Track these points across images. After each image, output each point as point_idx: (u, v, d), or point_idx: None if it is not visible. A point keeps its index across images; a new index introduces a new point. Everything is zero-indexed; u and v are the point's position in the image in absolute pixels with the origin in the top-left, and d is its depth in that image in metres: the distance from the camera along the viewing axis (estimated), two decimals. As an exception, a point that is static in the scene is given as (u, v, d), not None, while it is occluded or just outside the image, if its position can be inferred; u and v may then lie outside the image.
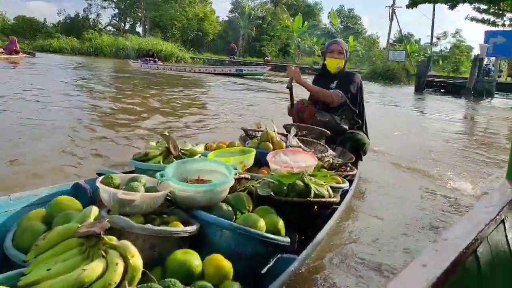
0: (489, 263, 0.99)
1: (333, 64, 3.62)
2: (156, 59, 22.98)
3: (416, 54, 31.79)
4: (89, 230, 1.17)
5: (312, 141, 3.03)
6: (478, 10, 25.96)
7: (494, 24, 26.24)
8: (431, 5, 27.03)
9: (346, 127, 3.54)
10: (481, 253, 0.97)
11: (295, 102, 3.70)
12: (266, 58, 33.14)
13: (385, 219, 2.83)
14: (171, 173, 1.75)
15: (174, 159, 2.15)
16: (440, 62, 34.78)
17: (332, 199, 1.98)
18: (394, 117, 9.67)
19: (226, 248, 1.54)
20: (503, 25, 26.05)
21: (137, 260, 1.19)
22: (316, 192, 1.89)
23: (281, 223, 1.72)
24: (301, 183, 1.89)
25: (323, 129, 3.22)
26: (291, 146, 2.69)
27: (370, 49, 36.33)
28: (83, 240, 1.19)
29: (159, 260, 1.39)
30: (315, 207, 1.92)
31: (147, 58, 22.06)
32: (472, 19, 26.82)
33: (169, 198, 1.74)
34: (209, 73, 20.36)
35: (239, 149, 2.54)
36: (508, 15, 25.26)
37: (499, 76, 26.60)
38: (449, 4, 24.77)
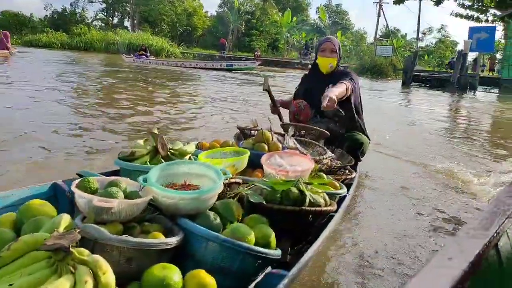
0: (510, 256, 0.98)
1: (325, 63, 3.40)
2: (149, 54, 23.22)
3: (403, 49, 32.38)
4: (56, 243, 1.06)
5: (311, 142, 2.89)
6: (463, 6, 26.67)
7: (478, 20, 26.97)
8: (417, 1, 27.68)
9: (343, 130, 3.36)
10: (502, 247, 0.96)
11: (293, 104, 3.49)
12: (256, 53, 33.54)
13: (384, 228, 2.66)
14: (155, 177, 1.62)
15: (162, 159, 2.03)
16: (426, 57, 35.46)
17: (328, 208, 1.86)
18: (386, 110, 9.91)
19: (211, 261, 1.44)
20: (487, 20, 26.80)
21: (108, 278, 1.10)
22: (312, 200, 1.78)
23: (272, 235, 1.60)
24: (296, 191, 1.77)
25: (322, 129, 3.07)
26: (287, 148, 2.57)
27: (358, 44, 36.98)
28: (51, 253, 1.09)
29: (136, 274, 1.28)
30: (310, 216, 1.80)
31: (140, 53, 22.31)
32: (457, 15, 27.55)
33: (153, 203, 1.62)
34: (200, 68, 20.62)
35: (233, 149, 2.42)
36: (492, 10, 26.04)
37: (482, 71, 27.42)
38: (434, 0, 25.50)
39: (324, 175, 2.36)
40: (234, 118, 6.45)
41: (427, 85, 21.65)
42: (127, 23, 50.17)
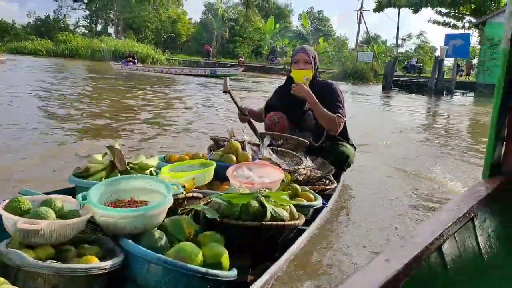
0: (456, 259, 1.00)
1: (300, 76, 3.14)
2: (136, 61, 23.59)
3: (383, 55, 33.30)
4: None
5: (288, 151, 2.78)
6: (440, 13, 27.68)
7: (454, 26, 27.97)
8: (396, 9, 28.61)
9: (320, 143, 3.16)
10: (446, 250, 0.98)
11: (267, 117, 3.28)
12: (240, 59, 34.10)
13: (364, 245, 2.31)
14: (97, 194, 1.52)
15: (119, 175, 1.89)
16: (405, 63, 36.57)
17: (293, 222, 1.72)
18: (368, 113, 10.25)
19: (154, 285, 1.33)
20: (463, 27, 27.84)
21: None
22: (274, 214, 1.65)
23: (224, 255, 1.46)
24: (256, 204, 1.64)
25: (301, 138, 2.95)
26: (259, 158, 2.49)
27: (340, 50, 37.84)
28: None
29: None
30: (272, 231, 1.67)
31: (128, 60, 22.65)
32: (434, 22, 28.56)
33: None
34: (185, 74, 21.02)
35: (200, 162, 2.31)
36: (467, 18, 27.10)
37: (461, 76, 28.44)
38: (412, 8, 26.42)
39: (297, 186, 2.28)
40: (213, 127, 6.14)
41: (407, 90, 22.44)
42: (110, 30, 50.43)
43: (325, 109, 3.02)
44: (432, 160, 4.91)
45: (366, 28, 46.27)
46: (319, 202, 2.24)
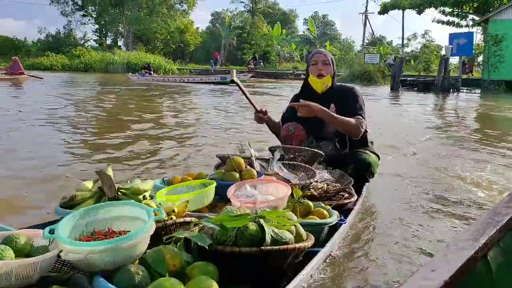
0: (501, 267, 0.96)
1: (319, 85, 3.04)
2: (151, 72, 24.53)
3: (389, 56, 33.97)
4: None
5: (300, 165, 2.62)
6: (443, 13, 28.35)
7: (458, 25, 28.63)
8: (400, 11, 29.31)
9: (346, 150, 3.01)
10: (491, 258, 0.94)
11: (282, 129, 3.11)
12: (249, 66, 34.99)
13: (393, 269, 2.01)
14: (69, 225, 1.38)
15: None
16: (412, 62, 37.05)
17: (299, 245, 1.51)
18: (381, 113, 10.49)
19: None
20: (467, 25, 28.47)
21: None
22: (275, 237, 1.46)
23: None
24: (254, 227, 1.46)
25: (316, 150, 2.79)
26: (265, 174, 2.36)
27: (346, 53, 38.61)
28: None
29: None
30: (273, 257, 1.47)
31: (144, 72, 23.59)
32: (439, 21, 29.25)
33: None
34: (197, 82, 22.00)
35: (200, 182, 2.18)
36: (471, 16, 27.70)
37: (467, 73, 29.02)
38: (416, 9, 27.11)
39: (310, 202, 2.09)
40: (226, 141, 5.62)
41: (414, 89, 23.05)
42: (120, 42, 51.74)
43: (343, 117, 2.85)
44: (460, 163, 4.60)
45: (372, 30, 46.83)
46: (333, 219, 1.99)
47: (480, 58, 26.50)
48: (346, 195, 2.52)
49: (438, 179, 3.87)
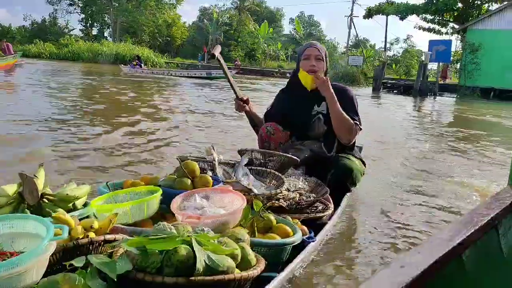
0: (477, 268, 0.95)
1: (308, 80, 2.72)
2: (142, 64, 24.96)
3: (372, 59, 35.09)
4: None
5: (269, 172, 2.32)
6: (425, 20, 29.54)
7: (439, 32, 29.86)
8: (384, 16, 30.37)
9: (332, 152, 2.71)
10: (467, 257, 0.93)
11: (261, 129, 2.81)
12: (236, 62, 35.67)
13: None
14: None
15: (27, 210, 1.55)
16: (394, 66, 38.33)
17: (243, 274, 1.27)
18: (365, 111, 11.86)
19: None
20: (447, 33, 29.71)
21: None
22: (210, 264, 1.21)
23: None
24: (184, 251, 1.21)
25: (290, 155, 2.46)
26: (224, 182, 2.07)
27: (331, 54, 39.56)
28: None
29: None
30: None
31: (134, 63, 24.02)
32: (420, 28, 30.44)
33: None
34: (184, 76, 22.54)
35: (147, 189, 1.91)
36: (451, 24, 28.94)
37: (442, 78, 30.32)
38: (399, 15, 28.19)
39: (271, 217, 1.80)
40: (200, 142, 5.06)
41: (394, 91, 24.16)
42: (106, 33, 51.63)
43: (343, 112, 2.61)
44: (446, 166, 4.67)
45: (356, 33, 48.08)
46: (296, 237, 1.70)
47: (458, 65, 27.70)
48: (321, 207, 2.25)
49: (423, 185, 3.69)
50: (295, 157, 2.46)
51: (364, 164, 2.82)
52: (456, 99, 21.60)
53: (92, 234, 1.40)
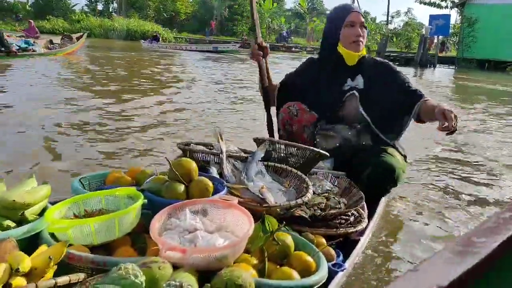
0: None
1: (353, 57, 2.32)
2: (159, 39, 26.62)
3: (373, 32, 36.31)
4: None
5: (291, 171, 1.86)
6: (426, -7, 30.78)
7: (439, 6, 31.19)
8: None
9: (369, 142, 2.30)
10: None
11: (282, 110, 2.44)
12: (243, 37, 36.94)
13: None
14: None
15: None
16: (395, 39, 39.51)
17: None
18: None
19: None
20: (446, 7, 31.04)
21: None
22: None
23: None
24: None
25: (318, 150, 1.99)
26: (229, 188, 1.61)
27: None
28: None
29: None
30: None
31: (154, 36, 26.49)
32: (421, 2, 31.68)
33: None
34: (192, 50, 24.41)
35: (126, 192, 1.45)
36: (451, -2, 30.23)
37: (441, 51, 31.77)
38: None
39: (288, 242, 1.35)
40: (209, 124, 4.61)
41: (396, 63, 25.58)
42: (111, 8, 52.20)
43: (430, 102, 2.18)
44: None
45: (359, 6, 49.25)
46: (320, 275, 1.24)
47: (456, 38, 29.07)
48: (353, 217, 1.77)
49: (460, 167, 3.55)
50: (324, 152, 1.98)
51: (406, 158, 2.37)
52: (454, 70, 23.16)
53: (18, 282, 0.96)
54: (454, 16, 33.21)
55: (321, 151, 2.00)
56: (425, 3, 31.38)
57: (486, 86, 13.48)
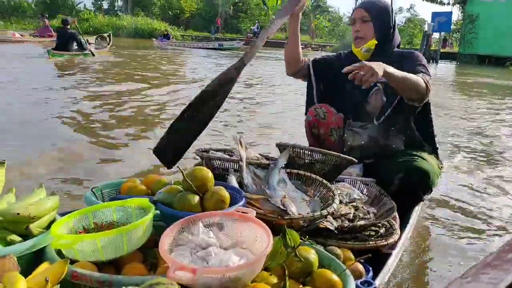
0: None
1: (359, 54, 2.23)
2: (170, 37, 27.81)
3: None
4: None
5: (316, 179, 1.75)
6: (429, -10, 31.37)
7: (441, 3, 31.81)
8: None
9: (399, 145, 2.15)
10: None
11: (309, 113, 2.34)
12: (248, 34, 37.55)
13: None
14: None
15: None
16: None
17: None
18: None
19: None
20: (448, 3, 31.66)
21: None
22: None
23: None
24: None
25: (345, 156, 1.86)
26: (248, 199, 1.48)
27: (337, 25, 41.43)
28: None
29: None
30: None
31: (165, 34, 27.67)
32: (424, -1, 32.27)
33: None
34: (199, 47, 25.13)
35: (138, 203, 1.37)
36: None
37: (444, 47, 32.46)
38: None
39: (312, 259, 1.22)
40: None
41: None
42: (116, 7, 52.80)
43: (402, 72, 1.93)
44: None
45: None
46: None
47: (458, 35, 29.72)
48: (383, 229, 1.60)
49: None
50: (351, 158, 1.87)
51: (441, 163, 2.25)
52: (456, 66, 23.85)
53: None
54: (456, 13, 33.76)
55: (348, 157, 1.87)
56: (427, 0, 32.01)
57: (489, 81, 14.11)
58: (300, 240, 1.23)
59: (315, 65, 2.41)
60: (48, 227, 1.31)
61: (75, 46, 12.60)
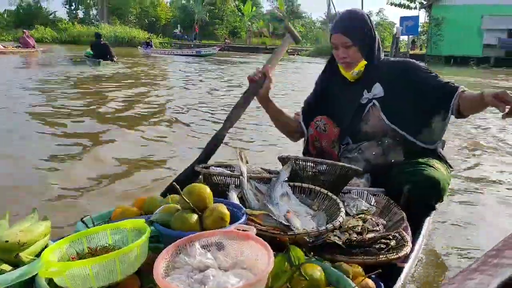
0: None
1: (348, 75, 2.14)
2: (152, 45, 28.30)
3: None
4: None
5: (320, 191, 1.69)
6: (396, -5, 33.14)
7: (408, 7, 33.66)
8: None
9: (400, 157, 2.04)
10: None
11: (311, 126, 2.22)
12: (226, 40, 38.70)
13: None
14: None
15: None
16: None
17: None
18: None
19: None
20: (415, 8, 33.53)
21: None
22: None
23: None
24: None
25: (349, 165, 1.80)
26: (248, 215, 1.42)
27: (311, 30, 42.90)
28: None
29: None
30: None
31: (147, 43, 27.95)
32: (392, 3, 34.07)
33: None
34: (177, 54, 25.58)
35: (133, 225, 1.30)
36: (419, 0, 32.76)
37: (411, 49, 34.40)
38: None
39: (316, 273, 1.20)
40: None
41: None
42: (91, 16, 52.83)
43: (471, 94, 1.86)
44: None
45: (334, 8, 51.71)
46: None
47: (425, 37, 31.55)
48: (394, 242, 1.53)
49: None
50: (356, 167, 1.81)
51: (450, 166, 2.16)
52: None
53: None
54: (423, 17, 35.71)
55: (353, 166, 1.79)
56: (395, 5, 33.79)
57: (456, 79, 15.26)
58: (306, 257, 1.20)
59: (305, 118, 2.30)
60: (40, 254, 1.21)
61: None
